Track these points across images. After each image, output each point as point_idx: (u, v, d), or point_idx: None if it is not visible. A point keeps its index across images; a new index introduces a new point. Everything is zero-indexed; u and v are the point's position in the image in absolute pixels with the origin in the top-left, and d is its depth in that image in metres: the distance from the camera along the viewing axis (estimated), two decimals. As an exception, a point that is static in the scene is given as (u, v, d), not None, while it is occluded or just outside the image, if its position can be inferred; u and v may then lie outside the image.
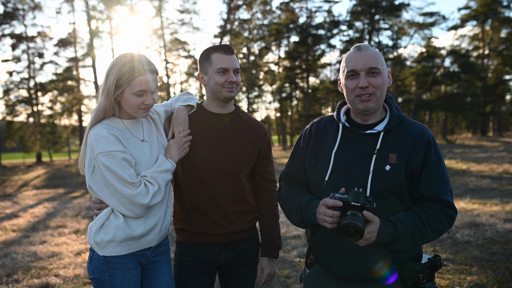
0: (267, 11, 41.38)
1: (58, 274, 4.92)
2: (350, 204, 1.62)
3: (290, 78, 41.83)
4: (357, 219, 1.58)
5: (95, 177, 1.91)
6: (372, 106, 1.81)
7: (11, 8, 33.75)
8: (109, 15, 32.81)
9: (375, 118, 1.88)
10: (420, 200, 1.79)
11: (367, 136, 1.83)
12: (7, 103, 35.21)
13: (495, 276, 4.21)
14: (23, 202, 12.30)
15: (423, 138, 1.78)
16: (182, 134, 2.15)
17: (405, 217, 1.71)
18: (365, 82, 1.77)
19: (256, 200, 2.36)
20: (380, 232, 1.66)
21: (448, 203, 1.76)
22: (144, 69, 1.93)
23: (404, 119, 1.87)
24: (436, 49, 40.86)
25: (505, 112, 57.75)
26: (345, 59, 1.88)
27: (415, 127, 1.84)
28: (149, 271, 2.09)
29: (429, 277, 1.74)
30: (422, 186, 1.76)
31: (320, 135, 1.97)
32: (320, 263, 1.93)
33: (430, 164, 1.76)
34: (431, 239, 1.76)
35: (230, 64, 2.17)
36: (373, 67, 1.78)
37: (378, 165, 1.76)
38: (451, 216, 1.76)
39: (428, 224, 1.71)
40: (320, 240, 1.90)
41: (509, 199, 8.17)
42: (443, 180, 1.77)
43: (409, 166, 1.75)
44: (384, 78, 1.82)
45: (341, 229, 1.59)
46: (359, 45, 1.86)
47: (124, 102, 1.97)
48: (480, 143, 27.96)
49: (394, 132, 1.82)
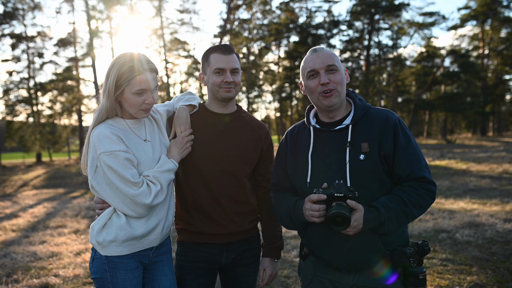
0: (267, 11, 41.41)
1: (57, 274, 4.92)
2: (334, 196, 1.73)
3: (290, 78, 41.83)
4: (343, 208, 1.67)
5: (97, 176, 1.90)
6: (335, 101, 1.91)
7: (11, 8, 33.76)
8: (109, 15, 32.83)
9: (341, 114, 1.98)
10: (399, 181, 1.87)
11: (337, 132, 1.93)
12: (7, 103, 35.22)
13: (495, 276, 4.21)
14: (23, 202, 12.30)
15: (389, 122, 1.88)
16: (184, 134, 2.15)
17: (387, 200, 1.80)
18: (326, 78, 1.89)
19: (258, 201, 2.36)
20: (366, 218, 1.74)
21: (425, 179, 1.83)
22: (143, 68, 1.92)
23: (369, 109, 1.97)
24: (436, 49, 40.88)
25: (505, 112, 57.74)
26: (304, 62, 2.01)
27: (380, 114, 1.94)
28: (151, 271, 2.09)
29: (419, 261, 1.81)
30: (397, 167, 1.85)
31: (295, 141, 2.08)
32: (315, 255, 2.00)
33: (400, 145, 1.85)
34: (416, 215, 1.83)
35: (227, 64, 2.17)
36: (331, 64, 1.91)
37: (352, 156, 1.85)
38: (431, 190, 1.83)
39: (409, 202, 1.79)
40: (313, 235, 1.97)
41: (509, 199, 8.17)
42: (416, 158, 1.85)
43: (382, 151, 1.84)
44: (342, 75, 1.95)
45: (329, 220, 1.68)
46: (315, 48, 2.00)
47: (125, 102, 1.97)
48: (480, 143, 27.97)
49: (362, 122, 1.92)
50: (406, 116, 45.29)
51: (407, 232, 1.97)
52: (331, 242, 1.90)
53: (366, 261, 1.86)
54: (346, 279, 1.91)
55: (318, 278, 2.01)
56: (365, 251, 1.84)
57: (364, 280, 1.88)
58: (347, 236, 1.82)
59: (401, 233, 1.92)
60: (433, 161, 16.14)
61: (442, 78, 39.90)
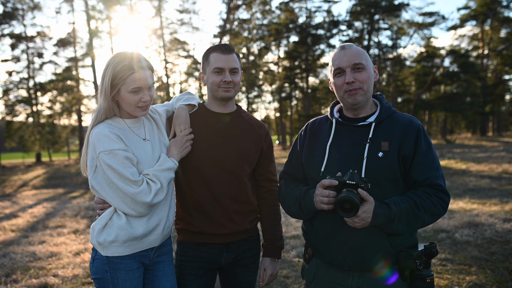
0: (266, 11, 41.39)
1: (57, 274, 4.91)
2: (346, 182, 1.73)
3: (290, 78, 41.83)
4: (353, 194, 1.67)
5: (97, 176, 1.90)
6: (360, 99, 1.91)
7: (10, 8, 33.75)
8: (108, 15, 32.81)
9: (366, 112, 1.98)
10: (413, 185, 1.86)
11: (359, 128, 1.93)
12: (6, 103, 35.20)
13: (494, 276, 4.21)
14: (22, 202, 12.29)
15: (412, 127, 1.88)
16: (184, 133, 2.15)
17: (399, 199, 1.79)
18: (351, 77, 1.88)
19: (258, 200, 2.35)
20: (375, 213, 1.72)
21: (440, 187, 1.82)
22: (138, 66, 1.92)
23: (394, 112, 1.97)
24: (436, 49, 40.88)
25: (504, 112, 57.70)
26: (332, 59, 1.99)
27: (404, 118, 1.94)
28: (151, 271, 2.09)
29: (426, 264, 1.78)
30: (414, 171, 1.84)
31: (315, 132, 2.08)
32: (318, 254, 1.99)
33: (420, 151, 1.84)
34: (426, 222, 1.81)
35: (226, 64, 2.17)
36: (357, 63, 1.89)
37: (371, 152, 1.85)
38: (444, 200, 1.82)
39: (422, 206, 1.77)
40: (318, 229, 1.96)
41: (508, 199, 8.17)
42: (434, 166, 1.85)
43: (401, 152, 1.83)
44: (370, 73, 1.93)
45: (337, 204, 1.68)
46: (344, 45, 1.98)
47: (122, 102, 1.97)
48: (479, 143, 27.97)
49: (385, 123, 1.92)
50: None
51: (416, 236, 1.95)
52: (336, 237, 1.88)
53: (370, 260, 1.83)
54: (350, 281, 1.89)
55: (322, 281, 1.99)
56: (370, 249, 1.83)
57: (368, 283, 1.86)
58: (353, 231, 1.81)
59: (409, 236, 1.90)
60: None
61: (441, 78, 39.90)
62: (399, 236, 1.84)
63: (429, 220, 1.80)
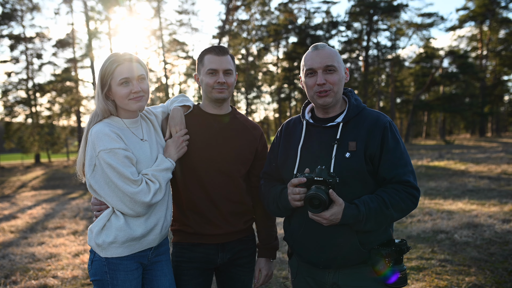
0: (265, 12, 41.39)
1: (56, 275, 4.91)
2: (314, 179, 1.78)
3: (289, 79, 41.83)
4: (320, 191, 1.72)
5: (95, 175, 1.90)
6: (330, 101, 1.95)
7: (9, 9, 33.68)
8: (107, 16, 32.79)
9: (336, 111, 2.01)
10: (383, 183, 1.89)
11: (328, 128, 1.97)
12: (5, 104, 35.13)
13: (493, 277, 4.21)
14: (21, 203, 12.27)
15: (378, 124, 1.90)
16: (179, 134, 2.16)
17: (369, 199, 1.82)
18: (322, 79, 1.91)
19: (253, 201, 2.37)
20: (344, 214, 1.77)
21: (409, 183, 1.84)
22: (123, 59, 1.96)
23: (363, 109, 2.00)
24: (435, 50, 40.92)
25: (503, 112, 57.78)
26: (304, 58, 2.02)
27: (372, 115, 1.96)
28: (150, 271, 2.10)
29: (396, 260, 1.82)
30: (382, 169, 1.87)
31: (289, 133, 2.14)
32: (295, 252, 2.06)
33: (387, 148, 1.86)
34: (395, 218, 1.85)
35: (220, 65, 2.18)
36: (329, 65, 1.92)
37: (338, 153, 1.88)
38: (413, 195, 1.84)
39: (390, 203, 1.80)
40: (294, 228, 2.01)
41: (507, 200, 8.18)
42: (402, 162, 1.87)
43: (368, 151, 1.86)
44: (341, 75, 1.95)
45: (306, 201, 1.74)
46: (316, 45, 1.99)
47: (115, 98, 1.99)
48: (478, 143, 28.01)
49: (353, 122, 1.94)
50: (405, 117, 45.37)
51: (390, 232, 1.98)
52: (309, 236, 1.94)
53: (342, 259, 1.88)
54: (326, 277, 1.95)
55: (302, 276, 2.06)
56: (341, 247, 1.87)
57: (344, 279, 1.91)
58: (324, 232, 1.87)
59: (382, 233, 1.93)
60: (432, 162, 16.16)
61: (440, 79, 39.94)
62: (371, 234, 1.88)
63: (398, 216, 1.84)
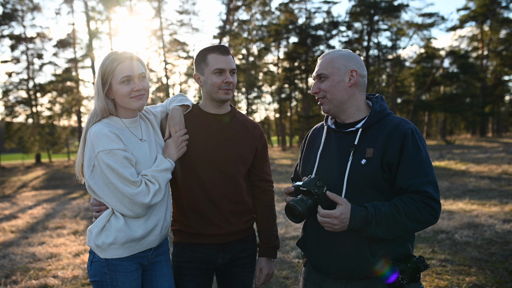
0: (266, 12, 41.43)
1: (56, 275, 4.91)
2: (300, 189, 1.79)
3: (289, 79, 41.86)
4: (299, 202, 1.73)
5: (94, 176, 1.88)
6: (326, 108, 1.94)
7: (10, 9, 33.73)
8: (108, 16, 32.82)
9: (356, 117, 1.94)
10: (399, 192, 1.79)
11: (347, 134, 1.92)
12: (6, 104, 35.19)
13: (494, 277, 4.21)
14: (22, 203, 12.28)
15: (398, 131, 1.80)
16: (179, 134, 2.15)
17: (380, 203, 1.73)
18: (315, 88, 1.95)
19: (253, 201, 2.36)
20: (353, 215, 1.70)
21: (426, 193, 1.72)
22: (124, 57, 1.95)
23: (387, 116, 1.90)
24: (435, 50, 40.94)
25: (504, 112, 57.72)
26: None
27: (393, 122, 1.86)
28: (150, 272, 2.09)
29: (411, 278, 1.72)
30: (399, 178, 1.77)
31: (313, 140, 2.13)
32: (308, 260, 2.03)
33: (406, 156, 1.76)
34: (410, 228, 1.72)
35: (227, 65, 2.17)
36: (319, 74, 1.93)
37: (355, 159, 1.83)
38: (431, 207, 1.71)
39: (404, 211, 1.69)
40: (307, 235, 2.00)
41: (508, 200, 8.17)
42: (422, 172, 1.75)
43: (385, 159, 1.77)
44: (334, 81, 1.89)
45: (286, 210, 1.78)
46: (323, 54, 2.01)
47: (116, 97, 1.97)
48: (479, 143, 27.99)
49: (374, 128, 1.87)
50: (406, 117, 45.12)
51: (409, 247, 1.86)
52: (321, 244, 1.91)
53: (352, 269, 1.82)
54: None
55: (311, 283, 2.03)
56: (351, 257, 1.81)
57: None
58: (335, 240, 1.83)
59: (398, 246, 1.82)
60: (433, 162, 16.11)
61: (441, 79, 39.94)
62: (384, 245, 1.79)
63: (414, 227, 1.72)
